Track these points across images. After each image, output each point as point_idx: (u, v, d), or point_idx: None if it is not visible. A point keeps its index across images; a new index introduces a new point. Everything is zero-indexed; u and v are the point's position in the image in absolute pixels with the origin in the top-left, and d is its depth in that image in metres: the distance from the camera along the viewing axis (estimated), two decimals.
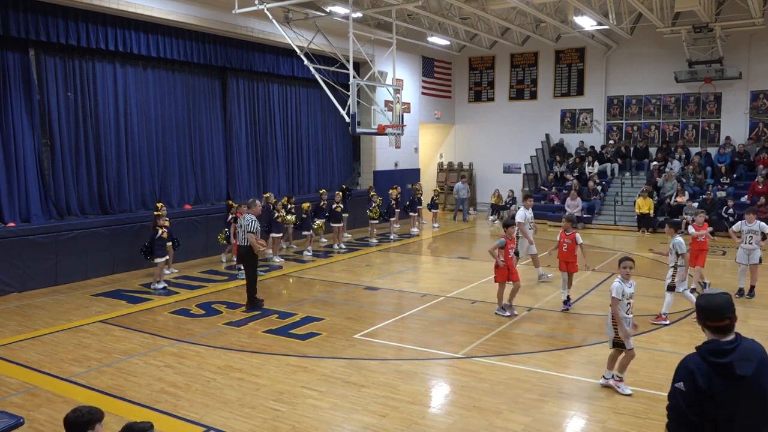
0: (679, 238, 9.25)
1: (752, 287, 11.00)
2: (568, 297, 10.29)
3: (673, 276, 9.31)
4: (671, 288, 9.34)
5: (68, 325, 9.66)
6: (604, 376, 7.01)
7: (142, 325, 9.60)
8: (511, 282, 9.84)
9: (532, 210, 12.67)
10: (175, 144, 15.60)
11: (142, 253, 12.18)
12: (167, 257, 12.62)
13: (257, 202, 11.05)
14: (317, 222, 16.18)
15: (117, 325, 9.62)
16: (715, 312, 3.21)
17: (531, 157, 23.99)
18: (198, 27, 15.06)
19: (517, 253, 11.74)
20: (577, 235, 10.26)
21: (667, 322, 9.30)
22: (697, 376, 3.06)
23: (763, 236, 10.66)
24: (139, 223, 13.71)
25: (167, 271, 13.17)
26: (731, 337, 3.18)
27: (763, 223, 10.84)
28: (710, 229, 11.74)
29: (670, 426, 3.21)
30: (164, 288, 11.98)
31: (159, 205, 12.93)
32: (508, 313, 9.80)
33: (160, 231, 12.08)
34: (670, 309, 9.43)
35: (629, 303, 6.86)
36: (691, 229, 10.85)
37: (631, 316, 6.86)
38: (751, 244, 10.78)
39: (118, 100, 14.25)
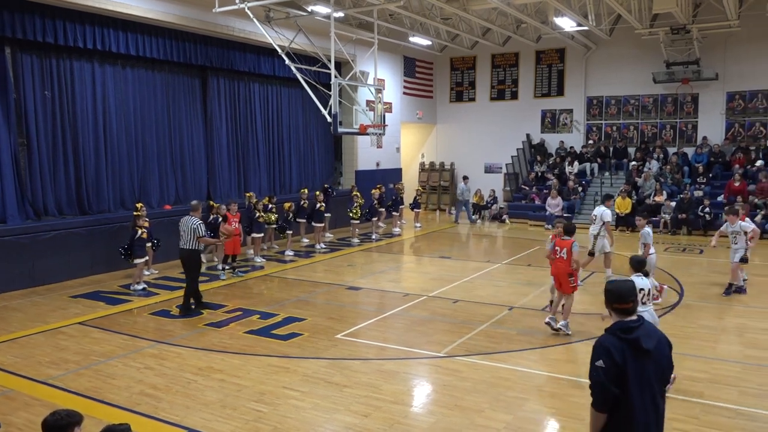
0: (648, 229, 9.45)
1: (730, 284, 11.15)
2: (551, 301, 9.66)
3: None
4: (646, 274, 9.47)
5: (46, 327, 9.52)
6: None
7: (121, 327, 9.49)
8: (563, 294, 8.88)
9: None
10: (154, 143, 15.45)
11: (122, 253, 12.06)
12: (147, 258, 12.50)
13: (201, 205, 10.83)
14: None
15: (95, 327, 9.49)
16: (621, 296, 3.66)
17: (512, 156, 24.14)
18: (178, 26, 14.92)
19: (592, 253, 11.81)
20: (575, 243, 8.96)
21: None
22: (613, 352, 3.49)
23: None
24: (118, 223, 13.55)
25: (147, 272, 13.04)
26: (635, 317, 3.65)
27: (744, 223, 10.97)
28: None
29: (596, 403, 3.61)
30: (144, 289, 11.86)
31: (138, 205, 12.79)
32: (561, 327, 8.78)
33: (139, 231, 11.96)
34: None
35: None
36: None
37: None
38: (736, 243, 10.96)
39: (97, 99, 14.07)
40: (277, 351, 8.31)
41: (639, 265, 6.98)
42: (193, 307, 10.27)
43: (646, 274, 7.08)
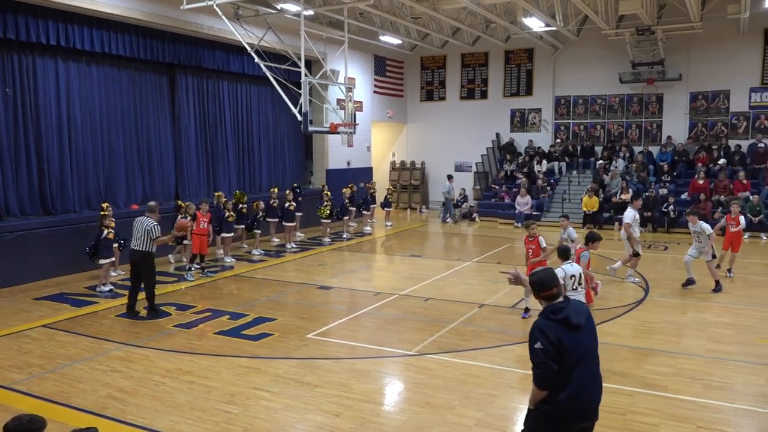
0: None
1: (717, 282, 11.39)
2: (527, 308, 9.75)
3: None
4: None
5: (8, 330, 9.28)
6: None
7: (87, 329, 9.32)
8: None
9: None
10: (121, 142, 15.17)
11: (87, 254, 11.83)
12: (113, 259, 12.28)
13: (158, 207, 10.59)
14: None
15: (60, 330, 9.30)
16: (543, 284, 3.98)
17: (482, 155, 24.33)
18: (145, 22, 14.67)
19: (636, 254, 11.79)
20: (541, 238, 9.76)
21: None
22: (547, 333, 3.81)
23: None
24: (84, 223, 13.27)
25: (113, 273, 12.82)
26: (561, 299, 3.99)
27: (704, 224, 11.35)
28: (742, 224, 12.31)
29: (539, 383, 3.87)
30: (110, 290, 11.65)
31: (104, 205, 12.56)
32: None
33: (105, 231, 11.73)
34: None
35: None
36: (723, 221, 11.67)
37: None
38: (700, 242, 11.34)
39: (61, 96, 13.76)
40: (248, 351, 8.25)
41: (565, 253, 7.73)
42: (130, 308, 10.01)
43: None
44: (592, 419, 4.03)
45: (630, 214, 11.95)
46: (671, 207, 18.58)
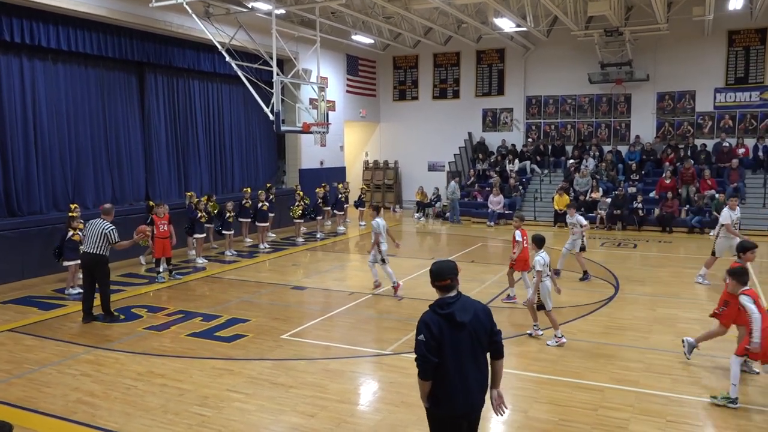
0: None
1: (585, 271, 12.18)
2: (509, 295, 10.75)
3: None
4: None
5: None
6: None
7: (55, 333, 9.13)
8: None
9: (738, 210, 12.09)
10: (89, 142, 14.88)
11: (54, 255, 11.58)
12: (79, 261, 11.94)
13: (113, 209, 10.32)
14: None
15: (28, 334, 9.09)
16: (441, 273, 4.10)
17: (454, 155, 24.46)
18: (112, 20, 14.41)
19: (714, 253, 11.84)
20: (516, 232, 10.23)
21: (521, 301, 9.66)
22: (431, 326, 3.96)
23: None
24: (51, 225, 12.99)
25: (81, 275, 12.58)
26: (453, 293, 4.10)
27: (579, 216, 12.31)
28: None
29: (420, 373, 4.03)
30: (79, 293, 11.41)
31: (73, 206, 12.30)
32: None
33: (71, 232, 11.44)
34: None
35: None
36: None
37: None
38: (574, 234, 12.19)
39: (26, 95, 13.44)
40: (221, 353, 8.17)
41: (541, 242, 8.47)
42: (84, 316, 9.74)
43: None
44: (469, 415, 4.15)
45: (725, 215, 11.84)
46: (640, 205, 18.92)
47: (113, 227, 9.77)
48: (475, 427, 4.25)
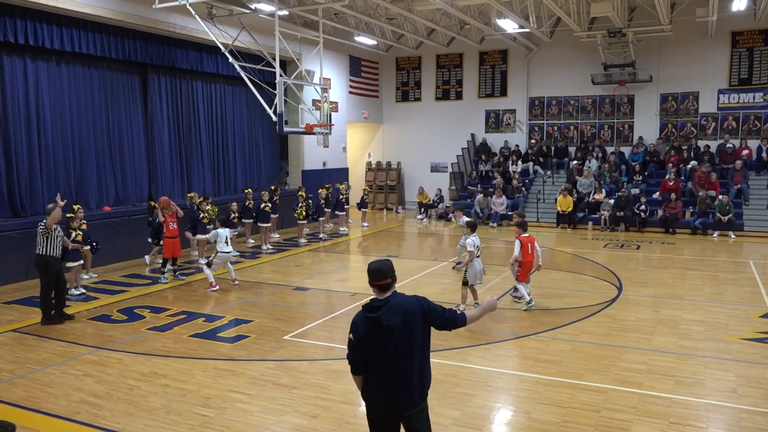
0: (471, 239, 9.63)
1: (459, 262, 11.77)
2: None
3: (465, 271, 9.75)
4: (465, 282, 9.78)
5: None
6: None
7: (58, 333, 9.14)
8: None
9: None
10: (92, 143, 14.92)
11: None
12: (81, 261, 11.92)
13: (57, 208, 9.96)
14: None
15: (31, 334, 9.11)
16: (380, 273, 4.20)
17: (457, 156, 24.46)
18: (116, 21, 14.45)
19: None
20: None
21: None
22: (359, 328, 4.10)
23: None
24: None
25: (86, 276, 12.61)
26: (387, 295, 4.19)
27: (465, 218, 11.69)
28: None
29: (351, 369, 4.21)
30: (82, 294, 11.45)
31: (75, 207, 12.33)
32: None
33: (73, 234, 11.40)
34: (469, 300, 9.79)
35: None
36: None
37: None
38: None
39: (29, 96, 13.48)
40: (223, 354, 8.17)
41: (474, 226, 9.72)
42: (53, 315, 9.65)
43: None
44: (398, 412, 4.17)
45: None
46: (643, 207, 18.89)
47: (40, 229, 9.56)
48: (415, 425, 4.25)
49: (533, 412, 6.31)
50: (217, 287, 11.77)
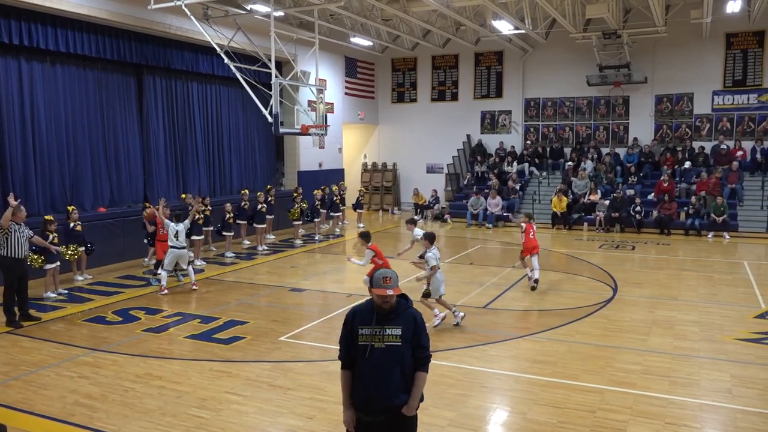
0: (432, 253, 9.16)
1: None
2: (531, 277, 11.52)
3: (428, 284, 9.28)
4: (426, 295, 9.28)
5: None
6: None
7: (53, 335, 9.11)
8: None
9: None
10: (87, 144, 14.86)
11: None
12: (58, 264, 11.70)
13: (22, 207, 9.83)
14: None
15: (25, 336, 9.08)
16: (378, 281, 4.28)
17: (453, 157, 24.48)
18: (111, 22, 14.41)
19: None
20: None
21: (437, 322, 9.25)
22: (347, 323, 4.33)
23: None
24: None
25: (80, 277, 12.56)
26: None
27: (417, 231, 11.05)
28: None
29: (340, 360, 4.27)
30: (61, 297, 11.28)
31: (70, 208, 12.27)
32: None
33: (50, 236, 11.23)
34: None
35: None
36: None
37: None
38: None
39: (24, 97, 13.43)
40: (219, 355, 8.16)
41: (432, 238, 9.29)
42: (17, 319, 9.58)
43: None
44: (380, 415, 4.12)
45: None
46: (638, 208, 18.94)
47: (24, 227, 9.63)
48: (394, 429, 4.16)
49: (529, 413, 6.32)
50: (166, 291, 11.56)
